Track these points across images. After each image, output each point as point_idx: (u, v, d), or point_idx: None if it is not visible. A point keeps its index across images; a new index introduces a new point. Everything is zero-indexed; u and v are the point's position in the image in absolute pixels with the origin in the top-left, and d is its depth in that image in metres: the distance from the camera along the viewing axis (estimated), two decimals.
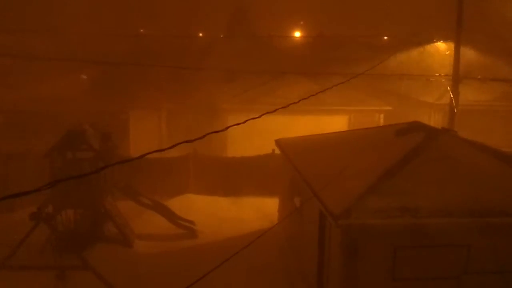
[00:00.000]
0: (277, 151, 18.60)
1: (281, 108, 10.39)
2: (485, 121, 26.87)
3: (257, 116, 8.76)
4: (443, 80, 21.35)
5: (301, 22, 51.45)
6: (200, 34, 49.38)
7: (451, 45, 21.08)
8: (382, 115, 28.30)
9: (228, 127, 8.18)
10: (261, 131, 23.41)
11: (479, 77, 21.78)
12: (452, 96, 19.60)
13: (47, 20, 38.81)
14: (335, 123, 26.12)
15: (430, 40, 30.34)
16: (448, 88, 20.16)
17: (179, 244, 17.38)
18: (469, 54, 26.38)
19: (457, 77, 19.56)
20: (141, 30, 47.85)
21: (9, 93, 26.95)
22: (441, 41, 29.18)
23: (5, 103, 26.23)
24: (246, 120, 8.19)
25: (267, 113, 9.18)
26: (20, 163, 20.49)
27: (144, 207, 18.26)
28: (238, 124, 8.14)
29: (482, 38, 31.67)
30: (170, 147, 6.24)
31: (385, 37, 40.44)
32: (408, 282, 10.44)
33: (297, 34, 51.07)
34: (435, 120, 27.34)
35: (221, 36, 48.09)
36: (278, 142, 17.67)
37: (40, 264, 14.63)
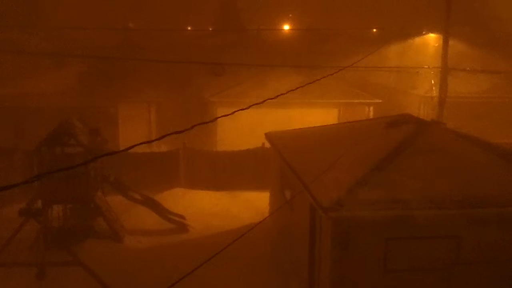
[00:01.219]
0: (267, 145, 18.57)
1: (269, 99, 10.35)
2: (474, 113, 26.99)
3: (245, 107, 8.72)
4: (432, 72, 21.41)
5: (290, 15, 51.39)
6: (189, 28, 49.17)
7: (440, 37, 21.13)
8: (371, 108, 28.36)
9: (216, 118, 8.21)
10: (251, 125, 23.41)
11: (468, 69, 21.86)
12: (439, 88, 19.65)
13: (35, 14, 38.50)
14: (324, 116, 26.14)
15: (419, 33, 30.40)
16: (432, 82, 20.22)
17: (169, 239, 17.33)
18: (458, 46, 26.45)
19: (446, 69, 19.61)
20: (130, 24, 47.60)
21: None
22: (430, 33, 29.23)
23: None
24: (234, 111, 8.16)
25: (256, 104, 9.13)
26: (8, 158, 20.32)
27: (135, 202, 18.18)
28: (226, 115, 8.12)
29: (471, 30, 31.78)
30: (158, 139, 6.21)
31: (374, 30, 40.50)
32: (399, 273, 10.47)
33: (286, 27, 50.98)
34: (424, 112, 27.42)
35: (210, 29, 47.94)
36: (268, 136, 17.63)
37: (30, 260, 14.53)
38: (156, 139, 6.38)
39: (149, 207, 18.20)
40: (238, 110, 8.42)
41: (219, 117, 8.34)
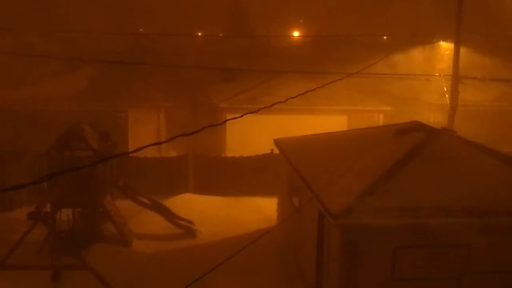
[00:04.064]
0: (276, 151, 18.54)
1: (279, 103, 10.37)
2: (484, 121, 26.85)
3: (254, 111, 8.75)
4: (443, 80, 21.34)
5: (300, 21, 51.49)
6: (199, 33, 49.37)
7: (451, 45, 21.05)
8: (381, 115, 28.26)
9: (226, 120, 8.28)
10: (260, 131, 23.40)
11: (478, 77, 21.75)
12: (450, 96, 19.57)
13: (46, 18, 38.78)
14: (334, 123, 26.06)
15: (430, 40, 30.33)
16: (445, 89, 20.13)
17: (177, 243, 17.31)
18: (469, 54, 26.35)
19: (457, 77, 19.53)
20: (140, 29, 47.90)
21: (7, 91, 26.87)
22: (441, 41, 29.16)
23: (3, 101, 26.16)
24: (244, 114, 8.22)
25: (265, 107, 9.17)
26: (18, 162, 20.42)
27: (143, 207, 18.19)
28: (236, 117, 8.19)
29: (482, 38, 31.64)
30: (168, 140, 6.25)
31: (385, 37, 40.46)
32: (408, 282, 10.40)
33: (296, 33, 51.06)
34: (434, 120, 27.30)
35: (220, 35, 48.13)
36: (277, 142, 17.61)
37: (38, 264, 14.57)
38: (166, 141, 6.45)
39: (157, 212, 18.21)
40: (247, 113, 8.49)
41: (229, 120, 8.42)
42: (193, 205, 20.46)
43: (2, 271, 14.21)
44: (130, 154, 6.25)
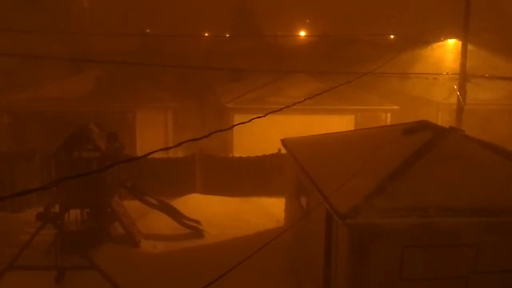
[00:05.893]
0: (283, 151, 18.53)
1: (286, 107, 10.37)
2: (493, 120, 26.70)
3: (262, 115, 8.72)
4: (450, 79, 21.25)
5: (307, 20, 51.47)
6: (206, 34, 49.44)
7: (459, 44, 20.96)
8: (389, 115, 28.19)
9: (233, 126, 8.23)
10: (267, 131, 23.39)
11: (486, 75, 21.63)
12: (459, 95, 19.49)
13: (54, 20, 38.96)
14: (341, 122, 26.04)
15: (437, 39, 30.20)
16: (455, 87, 20.04)
17: (185, 244, 17.33)
18: (476, 52, 26.20)
19: (464, 76, 19.45)
20: (147, 30, 48.02)
21: (15, 93, 27.02)
22: (448, 39, 29.02)
23: (12, 103, 26.31)
24: (252, 119, 8.16)
25: (272, 112, 9.15)
26: (26, 163, 20.52)
27: (151, 207, 18.23)
28: (243, 123, 8.13)
29: (490, 36, 31.48)
30: (176, 145, 6.27)
31: (392, 36, 40.36)
32: (416, 282, 10.36)
33: (303, 33, 51.04)
34: (442, 119, 27.20)
35: (227, 35, 48.19)
36: (284, 142, 17.59)
37: (47, 264, 14.62)
38: (174, 146, 6.46)
39: (165, 212, 18.24)
40: (255, 118, 8.44)
41: (236, 125, 8.38)
42: (200, 205, 20.47)
43: (11, 272, 14.28)
44: (137, 154, 6.28)
